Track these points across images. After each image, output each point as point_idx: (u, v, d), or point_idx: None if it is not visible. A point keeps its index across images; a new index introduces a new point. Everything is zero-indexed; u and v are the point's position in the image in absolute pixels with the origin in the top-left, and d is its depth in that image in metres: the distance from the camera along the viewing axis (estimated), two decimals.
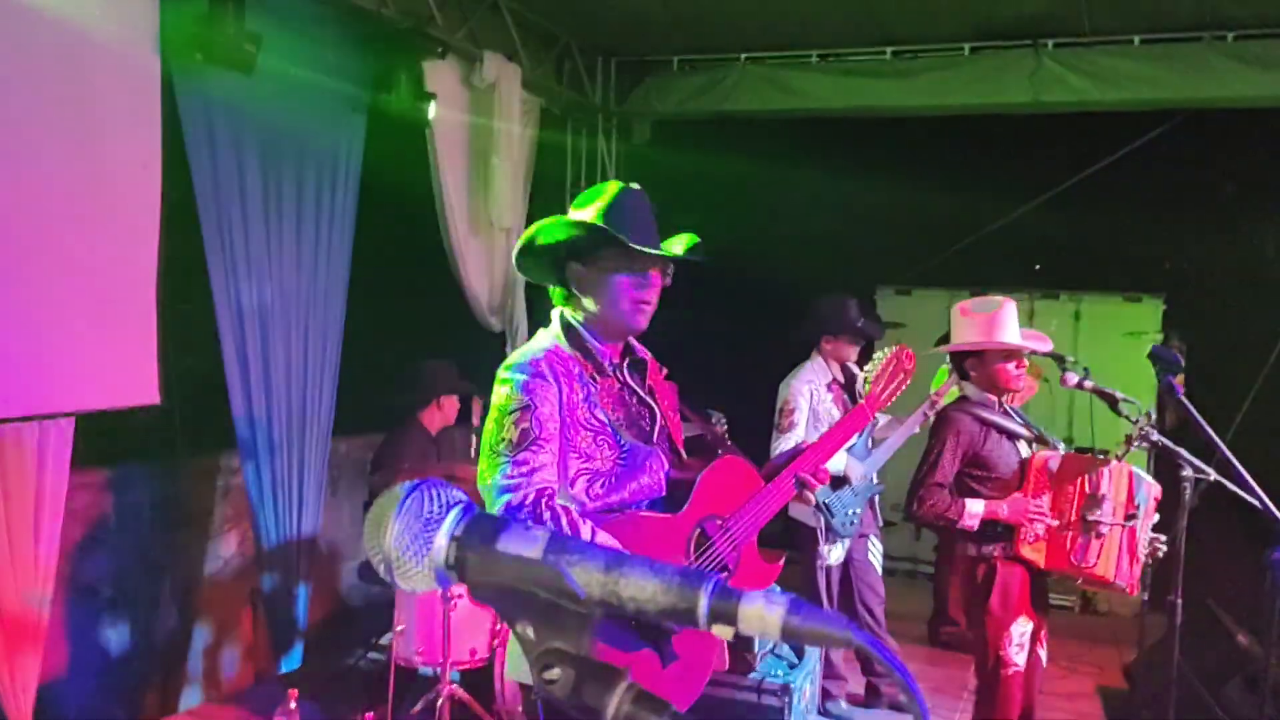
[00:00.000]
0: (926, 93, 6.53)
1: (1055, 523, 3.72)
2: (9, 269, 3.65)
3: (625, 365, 2.51)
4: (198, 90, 4.42)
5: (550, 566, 0.83)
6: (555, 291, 2.50)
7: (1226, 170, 6.95)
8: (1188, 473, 3.66)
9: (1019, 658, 3.74)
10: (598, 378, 2.43)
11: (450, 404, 5.30)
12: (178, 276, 4.39)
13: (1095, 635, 6.75)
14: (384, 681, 4.38)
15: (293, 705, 3.85)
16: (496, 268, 6.43)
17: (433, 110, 5.44)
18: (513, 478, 2.24)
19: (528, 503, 2.22)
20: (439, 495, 0.95)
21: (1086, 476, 3.72)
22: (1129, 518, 3.69)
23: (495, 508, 2.23)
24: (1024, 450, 3.88)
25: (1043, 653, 3.91)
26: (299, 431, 5.19)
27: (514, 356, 2.41)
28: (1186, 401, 2.63)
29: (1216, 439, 2.53)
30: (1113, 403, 3.81)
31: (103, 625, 4.81)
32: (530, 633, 0.85)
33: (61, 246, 3.85)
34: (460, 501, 0.93)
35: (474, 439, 6.77)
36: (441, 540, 0.90)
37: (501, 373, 2.36)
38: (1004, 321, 3.80)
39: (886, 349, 3.01)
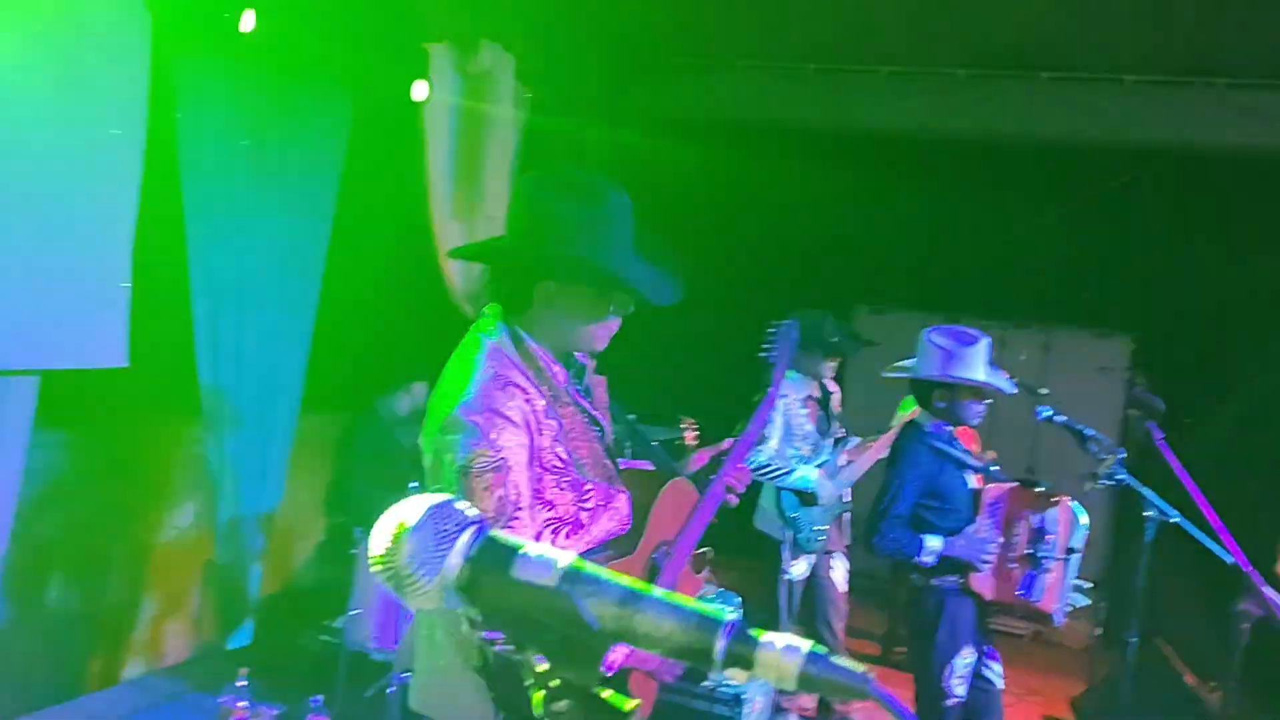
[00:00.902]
0: (918, 115, 6.56)
1: (1001, 556, 3.76)
2: None
3: (572, 377, 2.21)
4: (189, 53, 4.36)
5: (565, 596, 0.81)
6: (505, 300, 2.15)
7: (1204, 215, 7.03)
8: (1151, 513, 3.70)
9: (960, 689, 3.76)
10: (557, 405, 2.12)
11: (418, 388, 5.21)
12: (154, 240, 4.32)
13: (1045, 666, 6.82)
14: (335, 665, 4.34)
15: (242, 682, 3.81)
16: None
17: (424, 92, 5.39)
18: None
19: None
20: (454, 513, 0.92)
21: (1034, 511, 3.76)
22: (1069, 552, 3.74)
23: None
24: (973, 481, 3.91)
25: (997, 678, 3.92)
26: (266, 405, 5.13)
27: (461, 387, 2.01)
28: (1166, 447, 2.65)
29: (1194, 486, 2.55)
30: (1082, 439, 3.85)
31: (50, 587, 4.73)
32: (540, 663, 0.83)
33: (38, 202, 3.78)
34: (476, 521, 0.90)
35: None
36: (455, 560, 0.88)
37: (455, 414, 1.97)
38: (979, 358, 3.80)
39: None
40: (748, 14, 6.20)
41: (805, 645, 0.77)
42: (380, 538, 0.92)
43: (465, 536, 0.89)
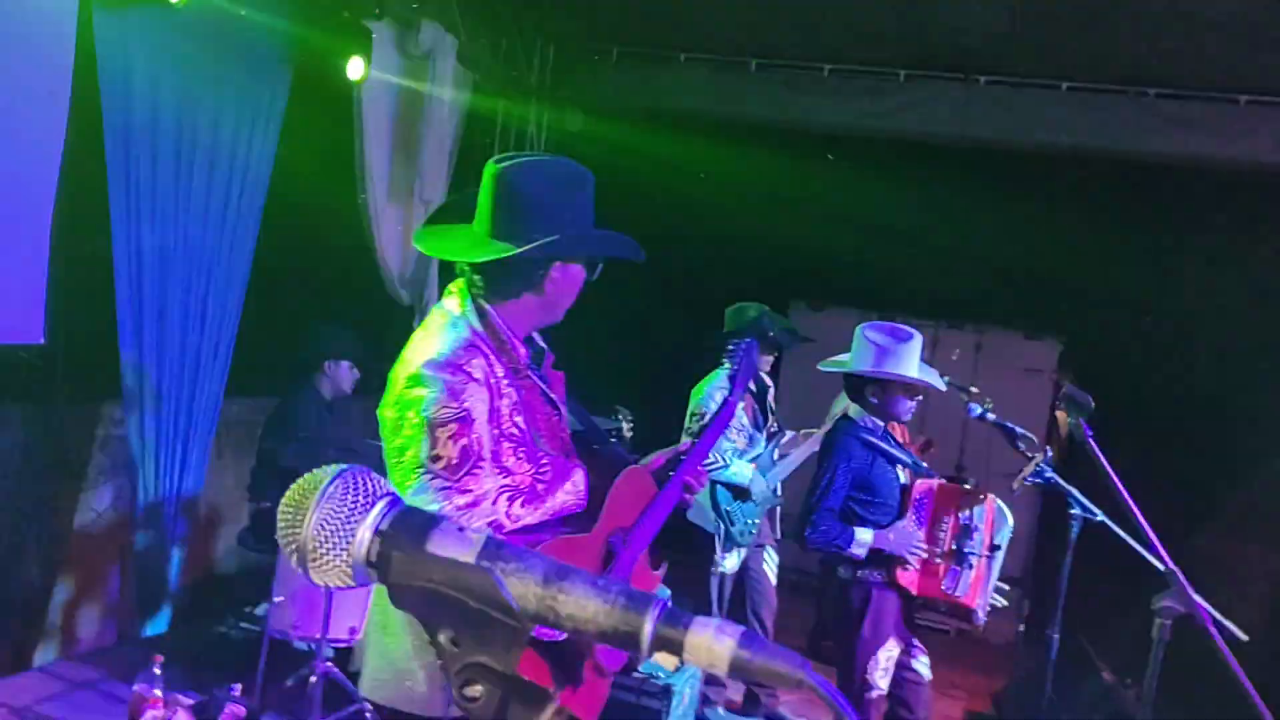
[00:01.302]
0: (858, 113, 6.59)
1: (928, 552, 3.80)
2: None
3: (530, 358, 2.28)
4: (117, 22, 4.21)
5: (484, 573, 0.76)
6: (485, 282, 2.21)
7: (1133, 222, 7.18)
8: (1076, 511, 3.76)
9: (883, 682, 3.81)
10: (517, 379, 2.19)
11: (340, 370, 5.04)
12: (76, 212, 4.18)
13: (968, 660, 6.92)
14: (255, 653, 4.24)
15: (157, 670, 3.70)
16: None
17: (362, 71, 5.28)
18: (463, 510, 2.00)
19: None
20: (366, 484, 0.86)
21: (961, 508, 3.80)
22: (994, 548, 3.80)
23: None
24: (903, 476, 3.95)
25: (925, 670, 3.96)
26: (189, 386, 5.00)
27: (427, 350, 2.10)
28: (1095, 446, 2.68)
29: (1121, 486, 2.58)
30: (1012, 438, 3.89)
31: None
32: (453, 644, 0.77)
33: None
34: (389, 493, 0.85)
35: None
36: (365, 533, 0.82)
37: (420, 369, 2.06)
38: (912, 355, 3.86)
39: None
40: (692, 7, 6.18)
41: (738, 629, 0.73)
42: (287, 509, 0.87)
43: (377, 508, 0.84)
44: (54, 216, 3.99)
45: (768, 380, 5.17)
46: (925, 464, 4.14)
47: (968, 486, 3.96)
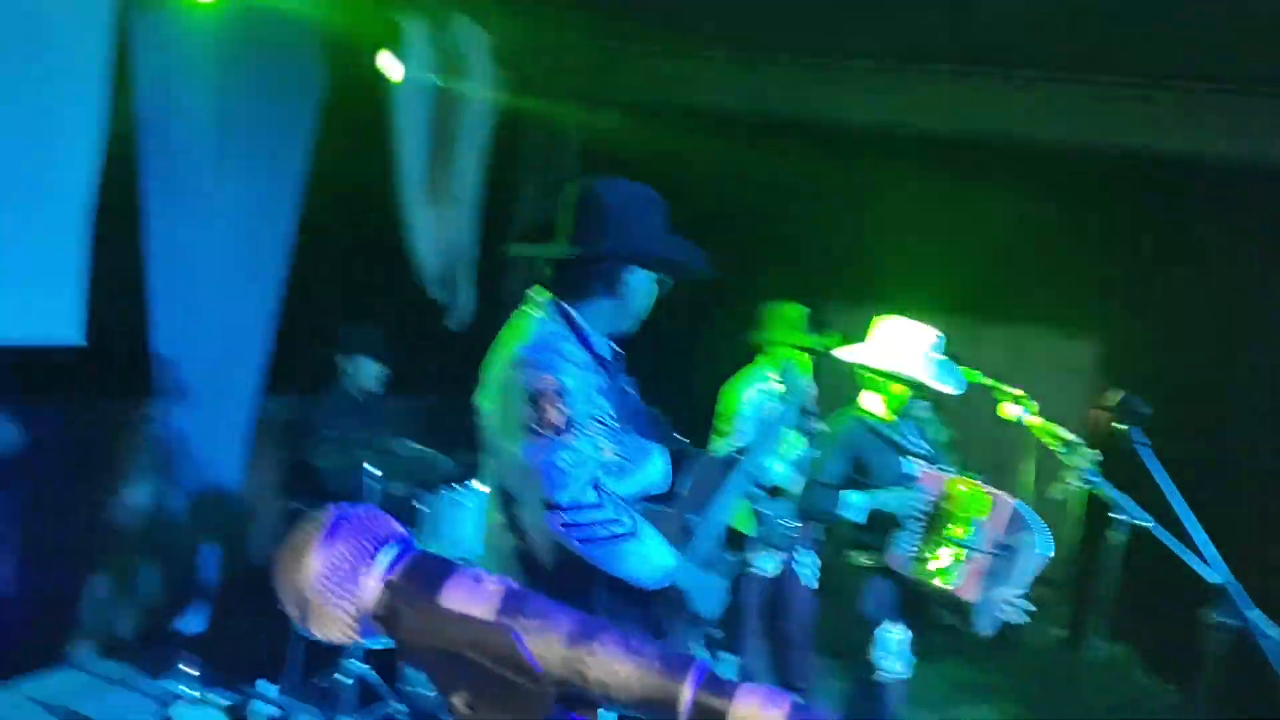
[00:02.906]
0: (897, 109, 6.49)
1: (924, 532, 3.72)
2: None
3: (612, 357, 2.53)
4: (153, 25, 4.22)
5: (503, 632, 0.69)
6: (567, 287, 2.47)
7: (1180, 219, 7.02)
8: (1123, 517, 3.66)
9: (896, 666, 3.76)
10: (598, 369, 2.42)
11: (361, 367, 4.96)
12: (113, 212, 4.19)
13: (1005, 664, 6.80)
14: (289, 652, 4.24)
15: (186, 669, 3.72)
16: (446, 236, 6.26)
17: (397, 69, 5.27)
18: (572, 468, 2.21)
19: (586, 493, 2.19)
20: (373, 526, 0.78)
21: (968, 502, 3.72)
22: (1003, 547, 3.67)
23: (549, 494, 2.18)
24: (915, 468, 3.90)
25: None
26: (225, 385, 5.01)
27: (521, 342, 2.36)
28: (1151, 454, 2.61)
29: (1177, 495, 2.50)
30: (1054, 440, 3.79)
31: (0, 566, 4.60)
32: (469, 708, 0.69)
33: None
34: (398, 537, 0.77)
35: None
36: (372, 582, 0.74)
37: (517, 352, 2.32)
38: (925, 354, 3.84)
39: None
40: (730, 3, 6.10)
41: (786, 698, 0.66)
42: (285, 556, 0.78)
43: (386, 555, 0.76)
44: (92, 217, 4.01)
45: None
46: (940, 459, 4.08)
47: (980, 484, 3.85)
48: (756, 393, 4.90)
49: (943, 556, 3.68)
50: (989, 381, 4.03)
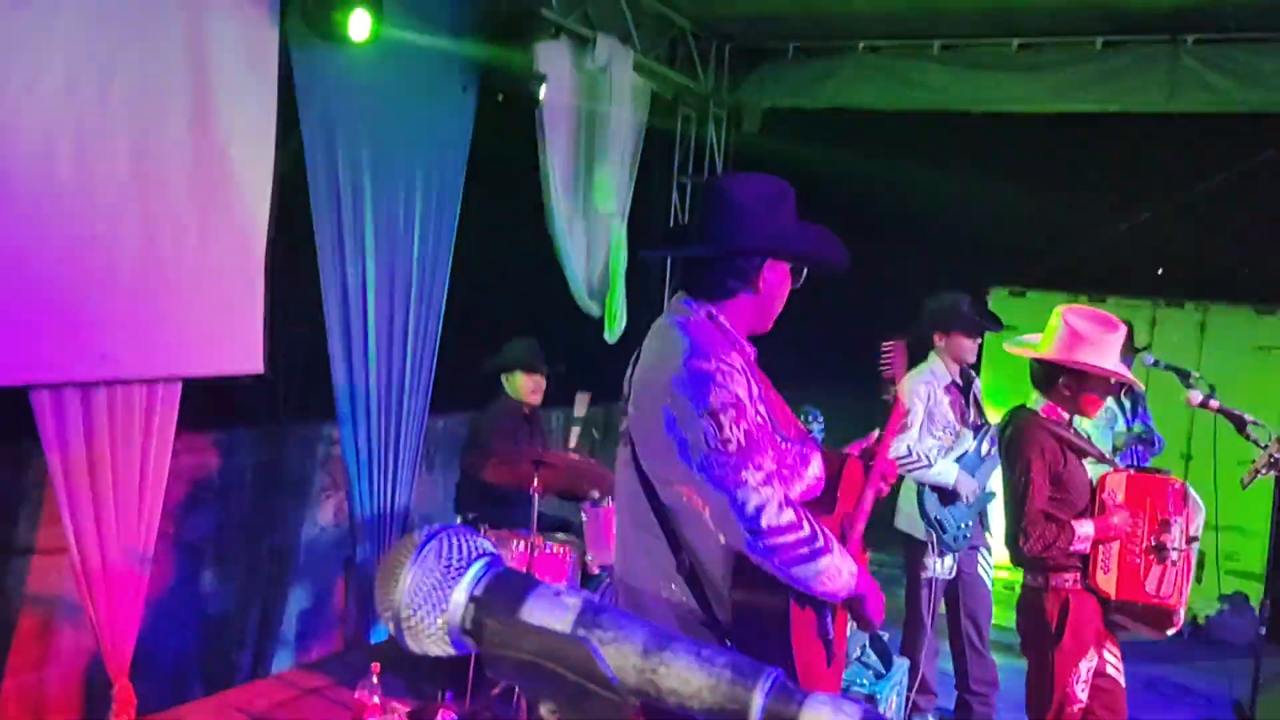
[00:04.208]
0: (1053, 89, 6.25)
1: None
2: (126, 235, 3.74)
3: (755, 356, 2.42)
4: (313, 65, 4.46)
5: (580, 644, 0.72)
6: (707, 289, 2.34)
7: None
8: None
9: (1084, 694, 3.50)
10: (752, 371, 2.32)
11: (517, 382, 5.07)
12: (286, 248, 4.45)
13: (1205, 665, 6.43)
14: (466, 661, 4.38)
15: (375, 679, 3.89)
16: (599, 252, 6.38)
17: (543, 92, 5.41)
18: (762, 486, 2.09)
19: (783, 512, 2.08)
20: (462, 544, 0.82)
21: (1155, 499, 3.46)
22: (1191, 540, 3.44)
23: (747, 519, 2.07)
24: (1091, 471, 3.59)
25: (1119, 675, 3.65)
26: (397, 405, 5.23)
27: (680, 350, 2.21)
28: None
29: None
30: (1240, 425, 3.59)
31: (201, 584, 4.93)
32: (554, 716, 0.73)
33: (177, 215, 3.92)
34: (486, 554, 0.81)
35: (573, 427, 6.75)
36: (460, 597, 0.78)
37: (686, 365, 2.17)
38: (1115, 348, 3.52)
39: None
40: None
41: (858, 707, 0.67)
42: (382, 572, 0.84)
43: (472, 571, 0.80)
44: (267, 254, 4.27)
45: (973, 372, 4.94)
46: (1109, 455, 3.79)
47: (1159, 473, 3.61)
48: (924, 387, 4.75)
49: (1147, 570, 3.45)
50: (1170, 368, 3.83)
